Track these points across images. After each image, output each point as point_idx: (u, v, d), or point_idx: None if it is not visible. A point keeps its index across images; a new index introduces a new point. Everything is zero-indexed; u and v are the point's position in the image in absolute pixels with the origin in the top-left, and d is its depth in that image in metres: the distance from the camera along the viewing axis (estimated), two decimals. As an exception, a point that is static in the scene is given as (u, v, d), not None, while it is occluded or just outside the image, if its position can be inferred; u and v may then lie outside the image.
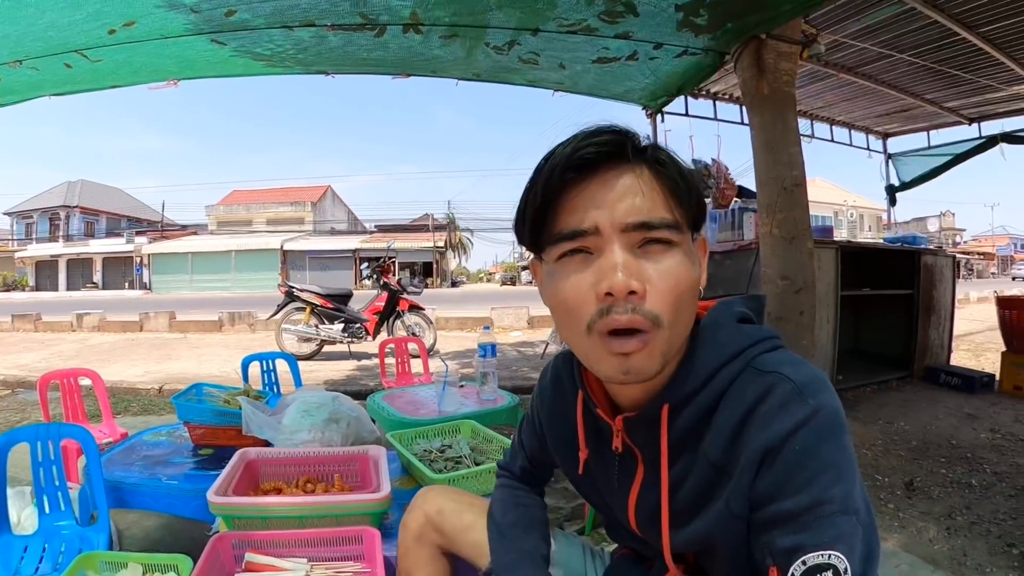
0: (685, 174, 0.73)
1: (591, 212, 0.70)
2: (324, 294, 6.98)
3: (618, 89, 4.33)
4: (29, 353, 7.45)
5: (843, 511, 0.64)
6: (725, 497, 0.71)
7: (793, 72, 3.17)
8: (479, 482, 1.61)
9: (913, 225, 30.42)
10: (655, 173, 0.71)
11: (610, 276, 0.68)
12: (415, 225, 37.74)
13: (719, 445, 0.72)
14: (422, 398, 2.80)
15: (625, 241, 0.69)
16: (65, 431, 1.75)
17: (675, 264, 0.70)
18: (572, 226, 0.71)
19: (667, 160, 0.73)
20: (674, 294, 0.69)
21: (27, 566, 1.51)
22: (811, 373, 0.70)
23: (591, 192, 0.70)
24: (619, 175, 0.70)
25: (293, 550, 1.26)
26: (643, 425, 0.79)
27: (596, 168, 0.70)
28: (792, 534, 0.64)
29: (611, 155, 0.70)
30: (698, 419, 0.74)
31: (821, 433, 0.66)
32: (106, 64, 3.37)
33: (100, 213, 39.61)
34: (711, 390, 0.73)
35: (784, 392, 0.68)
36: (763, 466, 0.67)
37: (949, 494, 2.63)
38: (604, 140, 0.71)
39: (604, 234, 0.69)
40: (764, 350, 0.74)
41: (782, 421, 0.66)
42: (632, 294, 0.67)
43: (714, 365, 0.73)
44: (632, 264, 0.68)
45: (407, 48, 3.50)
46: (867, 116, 6.00)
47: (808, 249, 3.16)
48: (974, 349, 6.59)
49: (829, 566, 0.62)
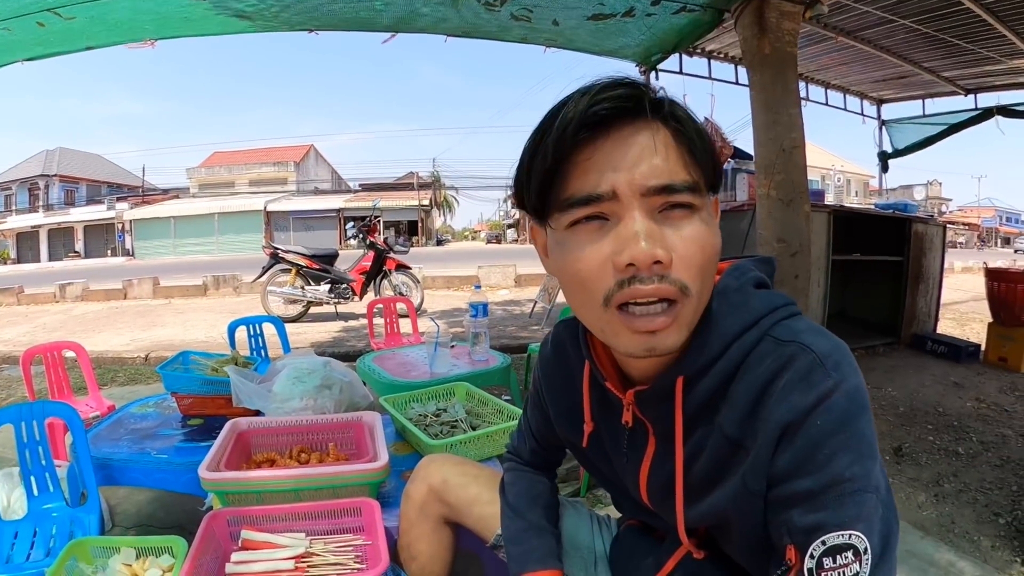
0: (703, 132, 0.68)
1: (607, 174, 0.63)
2: (310, 255, 6.88)
3: (612, 46, 4.22)
4: (12, 327, 7.30)
5: (863, 489, 0.61)
6: (742, 473, 0.68)
7: (795, 32, 3.09)
8: (477, 447, 1.60)
9: (900, 192, 30.59)
10: (673, 131, 0.65)
11: (631, 245, 0.62)
12: (400, 183, 37.07)
13: (736, 419, 0.68)
14: (413, 359, 2.77)
15: (646, 206, 0.63)
16: (49, 409, 1.69)
17: (698, 229, 0.65)
18: (586, 190, 0.64)
19: (684, 117, 0.67)
20: (699, 261, 0.64)
21: (19, 553, 1.47)
22: (832, 343, 0.66)
23: (606, 152, 0.63)
24: (636, 133, 0.64)
25: (290, 524, 1.24)
26: (656, 398, 0.75)
27: (610, 126, 0.64)
28: (811, 513, 0.62)
29: (627, 111, 0.64)
30: (714, 391, 0.70)
31: (843, 408, 0.62)
32: (79, 22, 3.20)
33: (80, 181, 38.61)
34: (728, 361, 0.69)
35: (805, 364, 0.64)
36: (782, 442, 0.64)
37: (937, 461, 2.67)
38: (620, 95, 0.63)
39: (623, 199, 0.63)
40: (782, 317, 0.70)
41: (803, 395, 0.63)
42: (657, 263, 0.62)
43: (731, 334, 0.69)
44: (655, 231, 0.63)
45: (395, 4, 3.37)
46: (863, 81, 5.91)
47: (805, 212, 3.13)
48: (959, 318, 6.66)
49: (849, 546, 0.60)
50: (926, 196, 39.22)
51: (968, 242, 41.60)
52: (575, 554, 1.06)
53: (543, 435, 1.05)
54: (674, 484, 0.76)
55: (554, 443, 1.04)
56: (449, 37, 3.90)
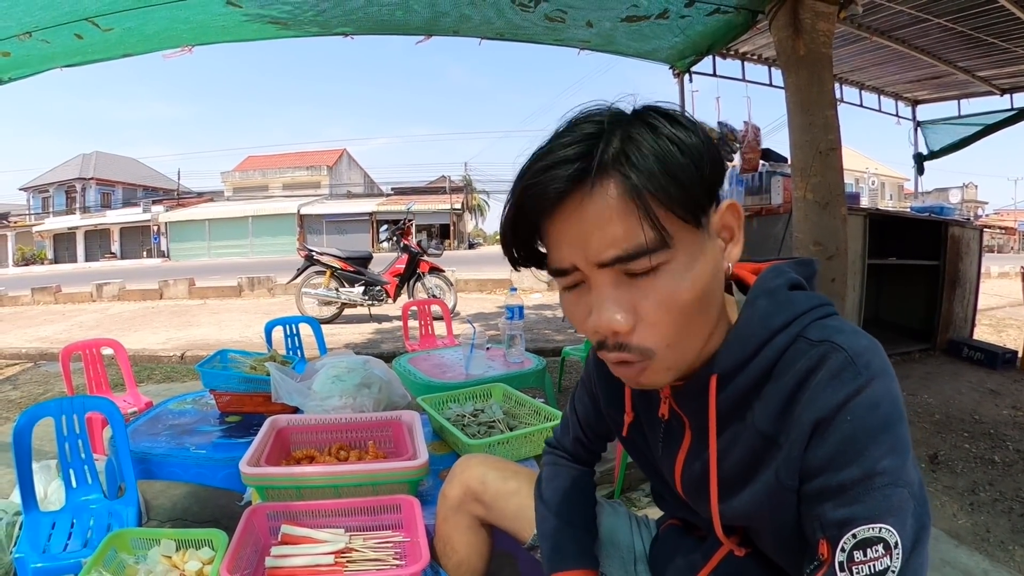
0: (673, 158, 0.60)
1: (565, 251, 0.65)
2: (344, 257, 6.93)
3: (646, 48, 4.20)
4: (50, 325, 7.49)
5: (894, 483, 0.61)
6: (775, 468, 0.68)
7: (830, 33, 3.04)
8: (515, 447, 1.60)
9: (935, 195, 29.83)
10: (627, 186, 0.60)
11: (595, 317, 0.66)
12: (431, 187, 37.31)
13: (769, 416, 0.69)
14: (448, 361, 2.78)
15: (607, 276, 0.64)
16: (89, 403, 1.73)
17: (665, 289, 0.63)
18: (555, 264, 0.68)
19: (641, 159, 0.60)
20: (667, 321, 0.65)
21: (55, 543, 1.49)
22: (865, 342, 0.66)
23: (563, 229, 0.64)
24: (586, 204, 0.62)
25: (330, 520, 1.25)
26: (691, 394, 0.76)
27: (562, 200, 0.63)
28: (843, 506, 0.62)
29: (574, 180, 0.61)
30: (747, 389, 0.71)
31: (874, 404, 0.62)
32: (117, 33, 3.29)
33: (116, 184, 39.59)
34: (762, 360, 0.69)
35: (837, 362, 0.65)
36: (814, 437, 0.64)
37: (972, 469, 2.61)
38: (566, 157, 0.61)
39: (584, 270, 0.65)
40: (816, 318, 0.70)
41: (835, 392, 0.63)
42: (616, 333, 0.65)
43: (764, 335, 0.70)
44: (618, 299, 0.64)
45: (430, 7, 3.40)
46: (898, 82, 5.80)
47: (842, 215, 3.08)
48: (995, 324, 6.48)
49: (879, 539, 0.60)
50: (962, 199, 38.17)
51: (1005, 246, 40.40)
52: (615, 553, 1.06)
53: (590, 423, 1.05)
54: (708, 478, 0.77)
55: (600, 432, 1.05)
56: (483, 40, 3.93)
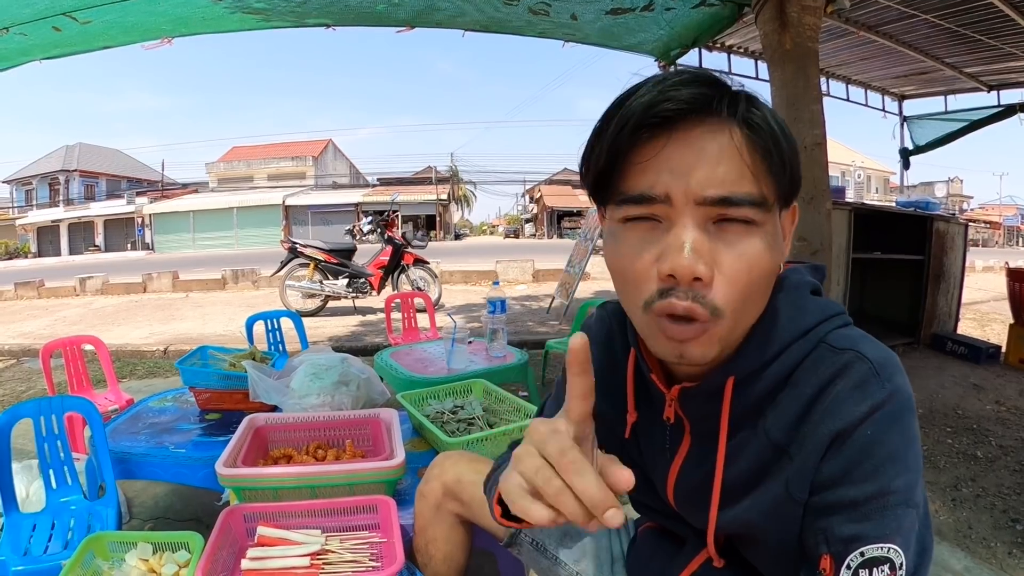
0: (781, 140, 0.62)
1: (663, 177, 0.60)
2: (328, 249, 6.90)
3: (631, 40, 4.18)
4: (33, 320, 7.41)
5: (906, 503, 0.60)
6: (784, 479, 0.66)
7: (817, 27, 3.03)
8: (494, 445, 1.59)
9: (921, 189, 30.11)
10: (747, 137, 0.60)
11: (675, 256, 0.59)
12: (418, 178, 37.22)
13: (783, 424, 0.67)
14: (430, 355, 2.76)
15: (699, 216, 0.60)
16: (68, 404, 1.71)
17: (753, 248, 0.61)
18: (640, 189, 0.61)
19: (762, 121, 0.61)
20: (744, 282, 0.61)
21: (36, 545, 1.49)
22: (886, 354, 0.65)
23: (667, 153, 0.60)
24: (702, 136, 0.60)
25: (306, 520, 1.24)
26: (702, 397, 0.72)
27: (675, 125, 0.60)
28: (853, 523, 0.60)
29: (696, 111, 0.60)
30: (764, 395, 0.68)
31: (894, 419, 0.61)
32: (96, 25, 3.24)
33: (100, 175, 39.10)
34: (781, 365, 0.67)
35: (861, 372, 0.63)
36: (831, 449, 0.62)
37: (955, 465, 2.63)
38: (689, 95, 0.60)
39: (676, 205, 0.60)
40: (837, 326, 0.68)
41: (857, 403, 0.61)
42: (697, 280, 0.60)
43: (787, 339, 0.67)
44: (703, 245, 0.60)
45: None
46: (884, 77, 5.83)
47: (826, 210, 3.09)
48: (979, 319, 6.55)
49: (886, 559, 0.59)
50: (947, 193, 38.55)
51: (990, 240, 40.84)
52: (591, 554, 1.05)
53: None
54: (710, 486, 0.74)
55: None
56: (467, 32, 3.90)
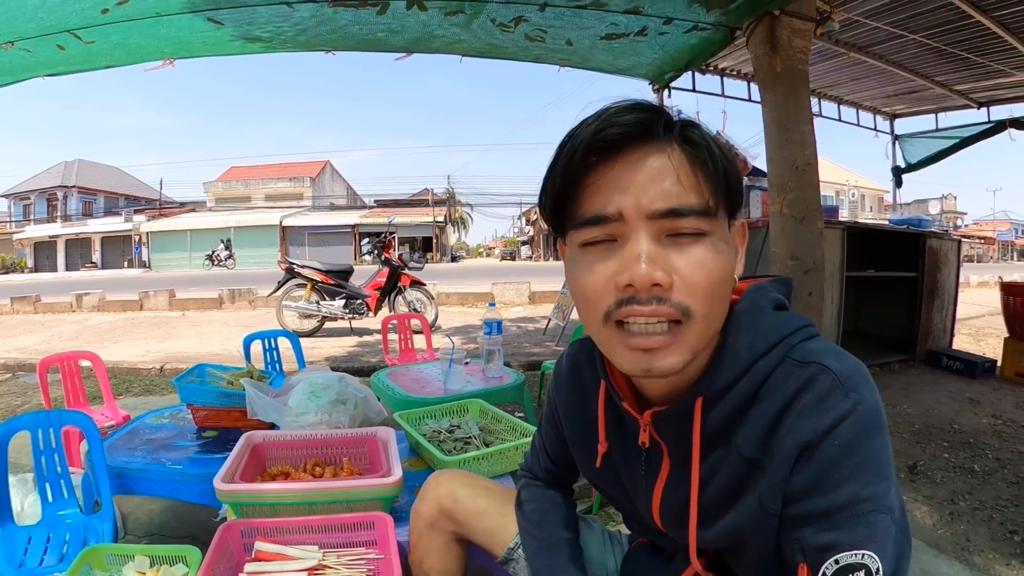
0: (718, 155, 0.67)
1: (615, 196, 0.64)
2: (325, 270, 6.91)
3: (625, 64, 4.26)
4: (29, 335, 7.39)
5: (878, 510, 0.62)
6: (758, 492, 0.68)
7: (807, 49, 3.09)
8: (490, 464, 1.60)
9: (915, 207, 30.35)
10: (687, 152, 0.65)
11: (632, 266, 0.63)
12: (415, 200, 37.46)
13: (753, 439, 0.69)
14: (427, 375, 2.78)
15: (652, 229, 0.64)
16: (66, 418, 1.72)
17: (706, 254, 0.65)
18: (594, 211, 0.66)
19: (700, 139, 0.67)
20: (704, 284, 0.64)
21: (31, 558, 1.49)
22: (852, 364, 0.67)
23: (616, 174, 0.65)
24: (646, 156, 0.65)
25: (303, 537, 1.24)
26: (674, 419, 0.75)
27: (621, 149, 0.65)
28: (826, 531, 0.62)
29: (638, 135, 0.65)
30: (733, 412, 0.70)
31: (861, 429, 0.63)
32: (100, 46, 3.29)
33: (98, 192, 39.22)
34: (748, 382, 0.69)
35: (825, 384, 0.65)
36: (800, 461, 0.64)
37: (952, 479, 2.63)
38: (631, 119, 0.65)
39: (628, 220, 0.64)
40: (802, 339, 0.70)
41: (822, 415, 0.63)
42: (656, 286, 0.63)
43: (751, 356, 0.69)
44: (658, 253, 0.63)
45: (410, 26, 3.42)
46: (875, 96, 5.93)
47: (818, 229, 3.12)
48: (975, 333, 6.56)
49: (862, 565, 0.60)
50: (941, 210, 38.87)
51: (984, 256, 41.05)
52: (586, 569, 1.06)
53: (557, 455, 1.05)
54: (688, 506, 0.76)
55: (568, 462, 1.04)
56: (464, 57, 3.96)
